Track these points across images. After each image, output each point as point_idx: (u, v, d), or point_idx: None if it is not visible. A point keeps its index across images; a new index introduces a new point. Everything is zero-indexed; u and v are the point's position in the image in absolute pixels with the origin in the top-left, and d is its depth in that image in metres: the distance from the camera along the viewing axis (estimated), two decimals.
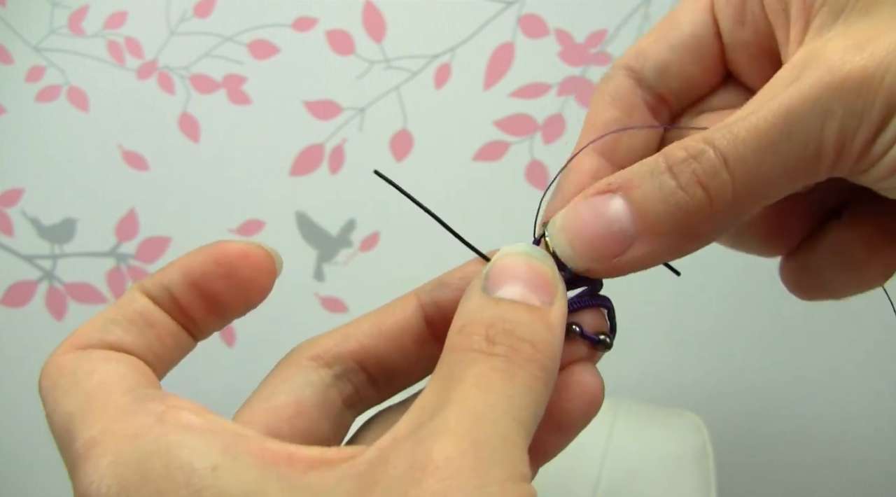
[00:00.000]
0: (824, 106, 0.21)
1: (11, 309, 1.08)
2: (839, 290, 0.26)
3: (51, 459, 1.11)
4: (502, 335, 0.20)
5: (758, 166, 0.21)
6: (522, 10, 1.00)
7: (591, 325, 0.25)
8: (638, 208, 0.23)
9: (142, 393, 0.20)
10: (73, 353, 0.22)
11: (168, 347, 0.23)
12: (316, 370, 0.24)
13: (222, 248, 0.23)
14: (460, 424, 0.18)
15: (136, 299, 0.23)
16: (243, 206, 1.06)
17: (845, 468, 1.05)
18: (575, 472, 0.83)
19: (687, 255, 0.24)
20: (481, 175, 1.03)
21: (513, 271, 0.22)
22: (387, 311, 0.26)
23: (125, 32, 1.03)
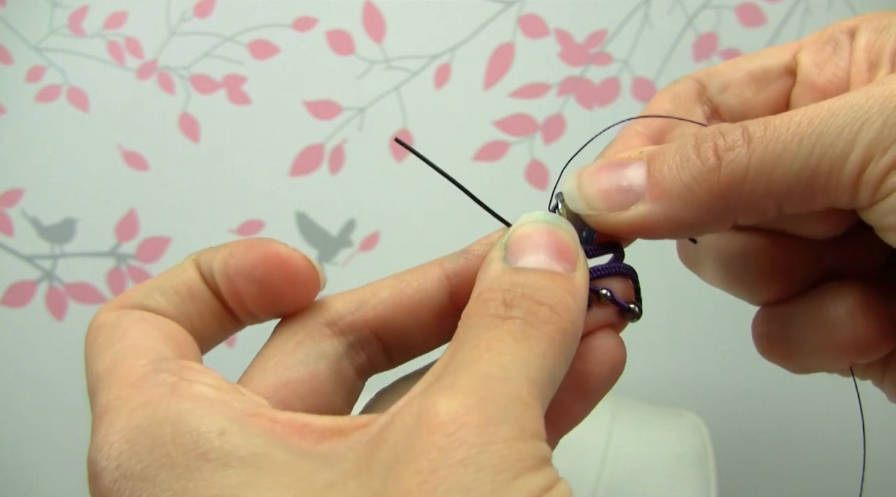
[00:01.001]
0: (864, 113, 0.21)
1: (11, 309, 1.08)
2: (803, 357, 0.26)
3: (51, 459, 1.12)
4: (520, 299, 0.20)
5: (778, 156, 0.21)
6: (522, 10, 1.00)
7: (620, 293, 0.25)
8: (652, 170, 0.23)
9: (162, 362, 0.20)
10: (115, 312, 0.22)
11: (209, 324, 0.24)
12: (330, 339, 0.24)
13: (265, 251, 0.23)
14: (469, 383, 0.18)
15: (187, 270, 0.23)
16: (243, 206, 1.06)
17: (845, 468, 1.05)
18: (575, 472, 0.83)
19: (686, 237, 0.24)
20: (481, 175, 1.03)
21: (533, 239, 0.22)
22: (408, 279, 0.25)
23: (125, 32, 1.03)
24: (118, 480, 0.18)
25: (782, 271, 0.26)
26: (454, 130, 1.03)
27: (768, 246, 0.26)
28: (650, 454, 0.86)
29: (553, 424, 0.24)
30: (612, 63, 1.01)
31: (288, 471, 0.17)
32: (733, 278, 0.27)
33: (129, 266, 1.07)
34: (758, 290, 0.27)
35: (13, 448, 1.12)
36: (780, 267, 0.26)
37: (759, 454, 1.07)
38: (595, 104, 1.02)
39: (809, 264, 0.26)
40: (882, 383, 0.27)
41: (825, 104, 0.22)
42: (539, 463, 0.17)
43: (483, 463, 0.17)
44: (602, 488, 0.83)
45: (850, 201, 0.22)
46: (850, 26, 0.26)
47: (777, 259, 0.26)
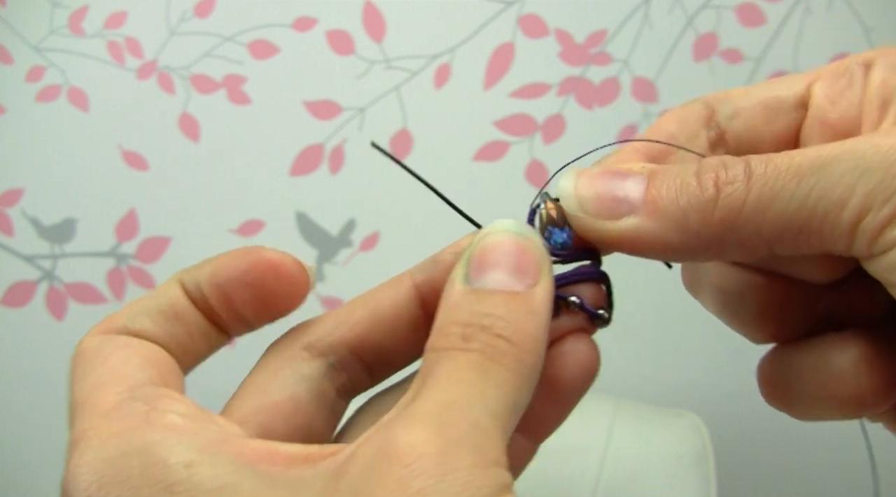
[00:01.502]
0: (867, 162, 0.21)
1: (11, 309, 1.08)
2: (808, 406, 0.25)
3: (51, 459, 1.12)
4: (478, 331, 0.20)
5: (776, 194, 0.21)
6: (522, 10, 1.00)
7: (590, 299, 0.25)
8: (651, 187, 0.23)
9: (137, 390, 0.20)
10: (98, 337, 0.22)
11: (196, 342, 0.24)
12: (308, 362, 0.24)
13: (255, 256, 0.23)
14: (429, 412, 0.18)
15: (171, 290, 0.24)
16: (243, 206, 1.06)
17: (845, 468, 1.05)
18: (575, 472, 0.83)
19: (669, 260, 0.24)
20: (481, 175, 1.03)
21: (494, 256, 0.22)
22: (380, 294, 0.25)
23: (125, 32, 1.03)
24: None
25: (776, 312, 0.26)
26: (454, 130, 1.03)
27: (763, 285, 0.26)
28: (650, 454, 0.86)
29: (530, 431, 0.24)
30: (612, 63, 1.01)
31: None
32: (729, 313, 0.27)
33: (129, 266, 1.07)
34: (752, 328, 0.27)
35: (13, 448, 1.12)
36: (773, 307, 0.26)
37: (759, 454, 1.07)
38: (595, 104, 1.02)
39: (804, 307, 0.26)
40: (894, 428, 0.26)
41: (828, 147, 0.21)
42: (499, 490, 0.17)
43: (442, 493, 0.17)
44: (602, 488, 0.83)
45: (847, 249, 0.21)
46: (866, 59, 0.25)
47: (771, 299, 0.26)
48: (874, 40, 1.00)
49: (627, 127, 1.03)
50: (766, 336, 0.27)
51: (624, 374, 1.04)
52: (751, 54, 1.01)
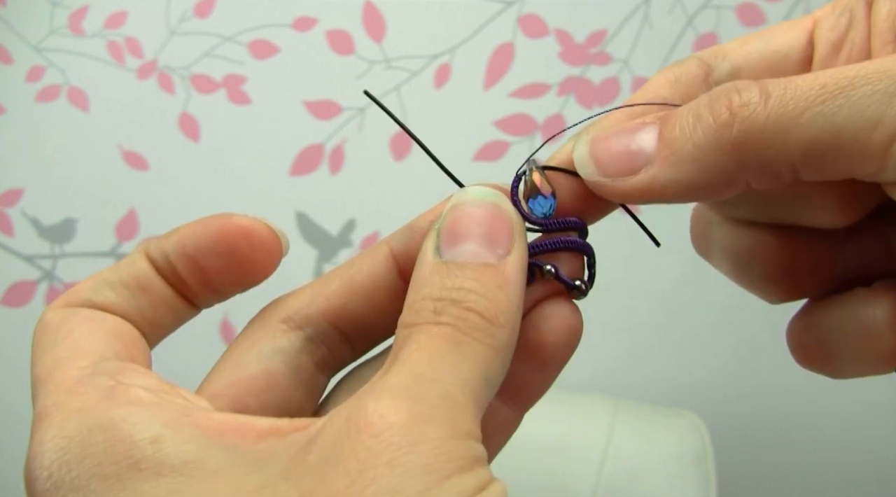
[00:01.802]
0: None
1: (11, 309, 1.08)
2: (844, 365, 0.24)
3: None
4: (449, 305, 0.20)
5: (799, 114, 0.20)
6: (522, 10, 1.00)
7: (568, 268, 0.24)
8: (663, 131, 0.22)
9: (101, 364, 0.20)
10: (62, 310, 0.22)
11: (162, 314, 0.23)
12: (286, 334, 0.23)
13: (225, 223, 0.23)
14: (399, 384, 0.18)
15: (137, 262, 0.23)
16: (243, 206, 1.06)
17: (845, 468, 1.05)
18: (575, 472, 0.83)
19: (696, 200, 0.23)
20: (481, 175, 1.02)
21: (465, 226, 0.21)
22: (357, 264, 0.25)
23: (125, 32, 1.03)
24: (49, 490, 0.18)
25: (789, 270, 0.25)
26: (454, 130, 1.03)
27: (774, 242, 0.25)
28: (650, 454, 0.86)
29: (515, 398, 0.24)
30: (612, 63, 1.01)
31: (219, 476, 0.17)
32: (742, 274, 0.26)
33: None
34: (766, 288, 0.26)
35: (13, 448, 1.12)
36: (786, 265, 0.25)
37: (759, 454, 1.07)
38: (595, 104, 1.02)
39: (819, 264, 0.25)
40: None
41: (854, 68, 0.20)
42: (471, 463, 0.17)
43: (411, 463, 0.16)
44: (602, 488, 0.83)
45: (877, 171, 0.20)
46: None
47: (783, 256, 0.25)
48: None
49: None
50: (781, 296, 0.26)
51: (624, 374, 1.04)
52: None
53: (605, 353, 1.10)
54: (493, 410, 0.24)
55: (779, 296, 0.26)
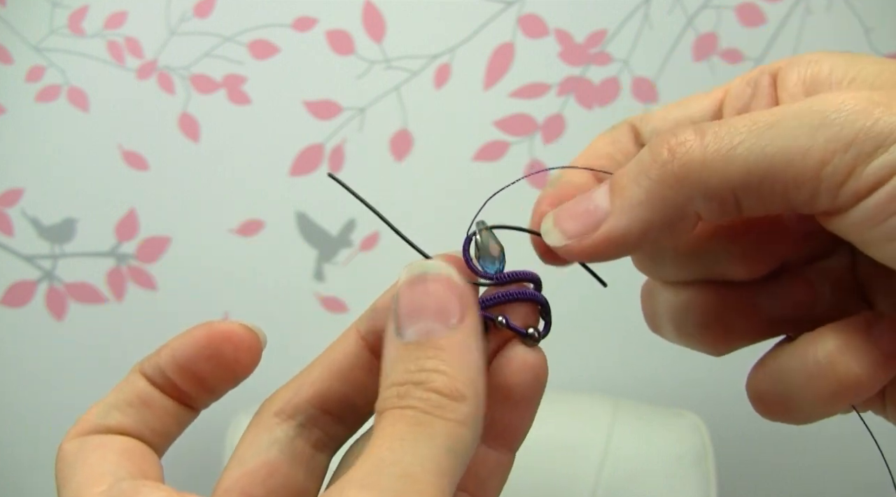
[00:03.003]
0: (823, 113, 0.21)
1: (11, 309, 1.08)
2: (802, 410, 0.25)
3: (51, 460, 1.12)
4: (413, 389, 0.21)
5: (734, 147, 0.22)
6: (522, 10, 1.00)
7: (522, 318, 0.26)
8: (613, 186, 0.24)
9: (117, 488, 0.22)
10: (76, 441, 0.24)
11: (166, 423, 0.25)
12: (279, 426, 0.26)
13: (207, 332, 0.25)
14: (361, 473, 0.20)
15: (135, 382, 0.25)
16: (243, 206, 1.06)
17: (845, 468, 1.05)
18: (575, 472, 0.83)
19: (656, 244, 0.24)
20: (481, 175, 1.03)
21: (414, 303, 0.23)
22: (333, 350, 0.27)
23: (125, 32, 1.03)
24: None
25: (717, 320, 0.27)
26: (454, 130, 1.03)
27: (701, 296, 0.27)
28: (650, 454, 0.86)
29: (500, 440, 0.26)
30: (612, 63, 1.01)
31: None
32: (681, 332, 0.28)
33: (129, 266, 1.07)
34: (703, 340, 0.28)
35: (13, 448, 1.12)
36: (713, 315, 0.27)
37: (759, 454, 1.07)
38: (595, 104, 1.02)
39: (744, 311, 0.27)
40: (885, 413, 0.27)
41: (782, 107, 0.22)
42: None
43: None
44: (602, 488, 0.83)
45: (810, 198, 0.21)
46: (772, 67, 0.26)
47: (709, 308, 0.27)
48: (874, 40, 1.00)
49: None
50: (719, 345, 0.27)
51: (624, 374, 1.04)
52: (751, 54, 1.01)
53: (605, 353, 1.10)
54: (481, 456, 0.25)
55: (717, 346, 0.28)
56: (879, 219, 0.21)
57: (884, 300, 0.26)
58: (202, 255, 1.06)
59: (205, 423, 0.32)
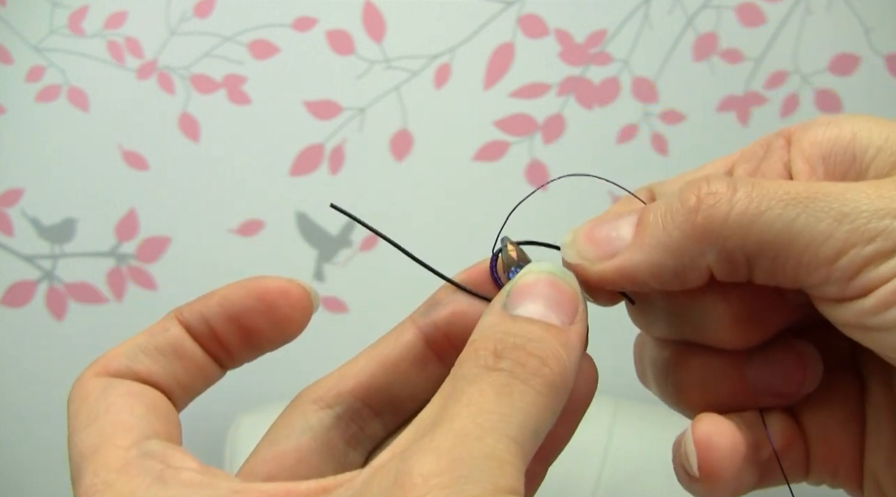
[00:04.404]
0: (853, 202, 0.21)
1: (11, 309, 1.08)
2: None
3: (50, 461, 1.11)
4: (510, 350, 0.20)
5: (761, 213, 0.22)
6: (522, 10, 1.00)
7: None
8: (640, 220, 0.24)
9: (146, 444, 0.20)
10: (100, 380, 0.22)
11: (193, 378, 0.24)
12: (316, 413, 0.25)
13: (263, 285, 0.24)
14: (444, 443, 0.18)
15: (170, 328, 0.24)
16: (243, 206, 1.06)
17: None
18: (575, 472, 0.83)
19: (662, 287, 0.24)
20: (481, 175, 1.03)
21: (535, 289, 0.22)
22: (384, 341, 0.26)
23: (125, 32, 1.03)
24: None
25: (699, 383, 0.26)
26: (454, 130, 1.03)
27: (686, 356, 0.26)
28: (650, 454, 0.86)
29: (541, 453, 0.24)
30: (612, 63, 1.01)
31: None
32: (662, 387, 0.28)
33: (129, 266, 1.07)
34: (682, 400, 0.27)
35: (13, 448, 1.12)
36: (696, 378, 0.26)
37: None
38: (595, 104, 1.02)
39: (729, 378, 0.26)
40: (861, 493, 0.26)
41: (817, 185, 0.22)
42: None
43: None
44: (602, 488, 0.83)
45: (820, 283, 0.22)
46: (786, 131, 0.26)
47: (693, 369, 0.26)
48: (874, 40, 1.00)
49: (627, 127, 1.03)
50: (694, 409, 0.27)
51: (624, 374, 1.04)
52: (751, 54, 1.01)
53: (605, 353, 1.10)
54: None
55: (693, 408, 0.27)
56: (878, 310, 0.21)
57: (877, 381, 0.25)
58: (202, 255, 1.06)
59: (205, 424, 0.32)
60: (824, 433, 0.26)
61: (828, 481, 0.26)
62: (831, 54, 1.01)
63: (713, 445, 0.23)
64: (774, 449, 0.25)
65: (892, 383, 0.25)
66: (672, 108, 1.02)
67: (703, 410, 0.26)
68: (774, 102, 1.02)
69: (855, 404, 0.26)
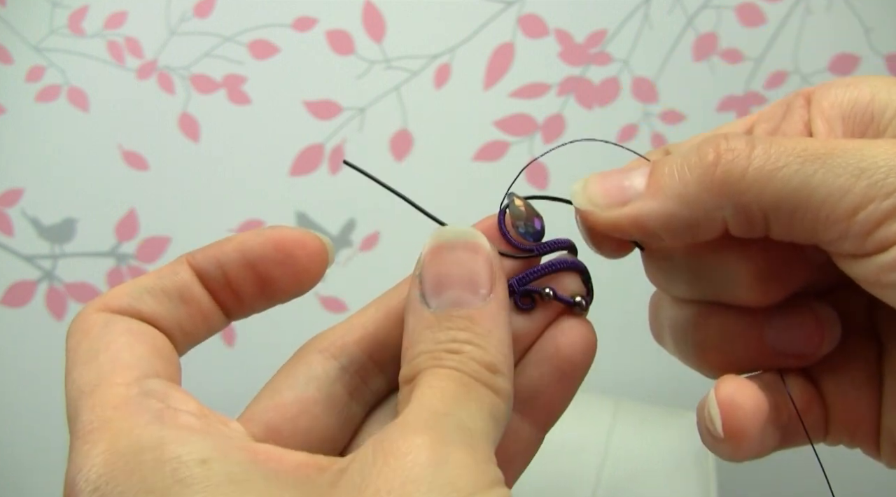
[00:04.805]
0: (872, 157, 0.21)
1: (11, 309, 1.08)
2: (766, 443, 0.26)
3: (50, 461, 1.12)
4: (448, 356, 0.21)
5: (779, 169, 0.22)
6: (522, 10, 1.00)
7: (567, 287, 0.25)
8: (654, 171, 0.24)
9: (147, 383, 0.20)
10: (102, 315, 0.22)
11: (197, 325, 0.24)
12: (321, 364, 0.24)
13: (281, 234, 0.24)
14: (418, 418, 0.19)
15: (180, 272, 0.23)
16: (243, 206, 1.06)
17: (846, 467, 1.05)
18: (575, 472, 0.83)
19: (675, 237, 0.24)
20: (481, 175, 1.03)
21: (446, 272, 0.22)
22: (390, 294, 0.26)
23: (125, 32, 1.03)
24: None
25: (717, 342, 0.26)
26: (454, 130, 1.03)
27: (705, 316, 0.26)
28: (650, 454, 0.86)
29: (538, 415, 0.25)
30: (612, 63, 1.01)
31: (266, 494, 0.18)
32: (680, 347, 0.28)
33: (129, 266, 1.07)
34: (701, 359, 0.27)
35: (13, 448, 1.12)
36: (714, 337, 0.26)
37: None
38: (595, 104, 1.02)
39: (747, 338, 0.26)
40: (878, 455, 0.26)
41: (834, 141, 0.22)
42: (493, 483, 0.18)
43: (437, 481, 0.17)
44: (602, 488, 0.83)
45: (837, 238, 0.22)
46: (807, 91, 0.26)
47: (711, 329, 0.26)
48: (874, 40, 1.00)
49: (627, 127, 1.03)
50: (715, 367, 0.27)
51: (624, 374, 1.04)
52: (751, 54, 1.01)
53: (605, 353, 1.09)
54: (515, 429, 0.25)
55: (713, 368, 0.27)
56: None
57: (894, 344, 0.25)
58: None
59: None
60: (842, 396, 0.26)
61: (845, 442, 0.27)
62: (831, 54, 1.01)
63: (737, 405, 0.23)
64: (796, 408, 0.25)
65: None
66: (672, 108, 1.02)
67: (721, 370, 0.26)
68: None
69: (872, 368, 0.26)
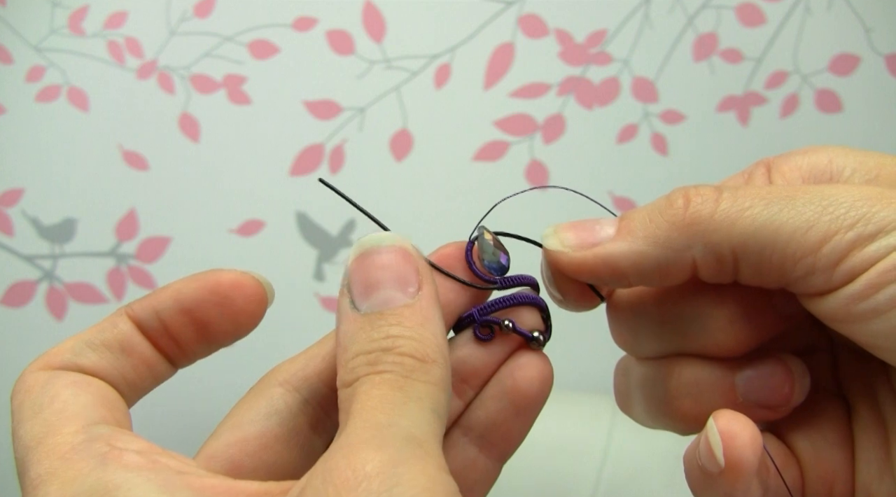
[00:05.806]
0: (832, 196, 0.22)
1: (11, 309, 1.08)
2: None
3: None
4: (383, 355, 0.21)
5: (745, 210, 0.22)
6: (522, 10, 1.00)
7: (526, 322, 0.26)
8: (623, 217, 0.25)
9: (93, 431, 0.20)
10: (44, 373, 0.22)
11: (142, 376, 0.23)
12: (283, 397, 0.24)
13: (216, 277, 0.24)
14: (361, 435, 0.19)
15: (119, 324, 0.23)
16: (243, 206, 1.06)
17: None
18: (575, 472, 0.83)
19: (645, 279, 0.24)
20: (481, 175, 1.03)
21: (373, 275, 0.22)
22: None
23: (125, 32, 1.03)
24: None
25: (690, 395, 0.26)
26: (454, 130, 1.03)
27: (676, 368, 0.26)
28: (650, 454, 0.86)
29: (496, 448, 0.25)
30: (612, 63, 1.01)
31: None
32: (651, 407, 0.28)
33: (129, 266, 1.07)
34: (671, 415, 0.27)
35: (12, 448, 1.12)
36: (687, 390, 0.26)
37: None
38: (595, 104, 1.02)
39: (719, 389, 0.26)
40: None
41: (796, 186, 0.23)
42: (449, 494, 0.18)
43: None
44: (602, 488, 0.83)
45: (806, 274, 0.22)
46: (767, 161, 0.27)
47: (684, 381, 0.26)
48: (874, 40, 1.00)
49: (627, 127, 1.03)
50: (688, 423, 0.27)
51: None
52: (751, 54, 1.01)
53: (605, 353, 1.10)
54: (472, 461, 0.25)
55: (687, 422, 0.27)
56: (866, 294, 0.21)
57: (863, 403, 0.26)
58: (202, 255, 1.06)
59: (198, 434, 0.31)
60: (816, 454, 0.26)
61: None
62: (831, 54, 1.01)
63: (737, 434, 0.23)
64: (775, 463, 0.25)
65: (877, 404, 0.25)
66: (672, 108, 1.02)
67: (694, 422, 0.26)
68: (774, 102, 1.02)
69: (843, 425, 0.26)
